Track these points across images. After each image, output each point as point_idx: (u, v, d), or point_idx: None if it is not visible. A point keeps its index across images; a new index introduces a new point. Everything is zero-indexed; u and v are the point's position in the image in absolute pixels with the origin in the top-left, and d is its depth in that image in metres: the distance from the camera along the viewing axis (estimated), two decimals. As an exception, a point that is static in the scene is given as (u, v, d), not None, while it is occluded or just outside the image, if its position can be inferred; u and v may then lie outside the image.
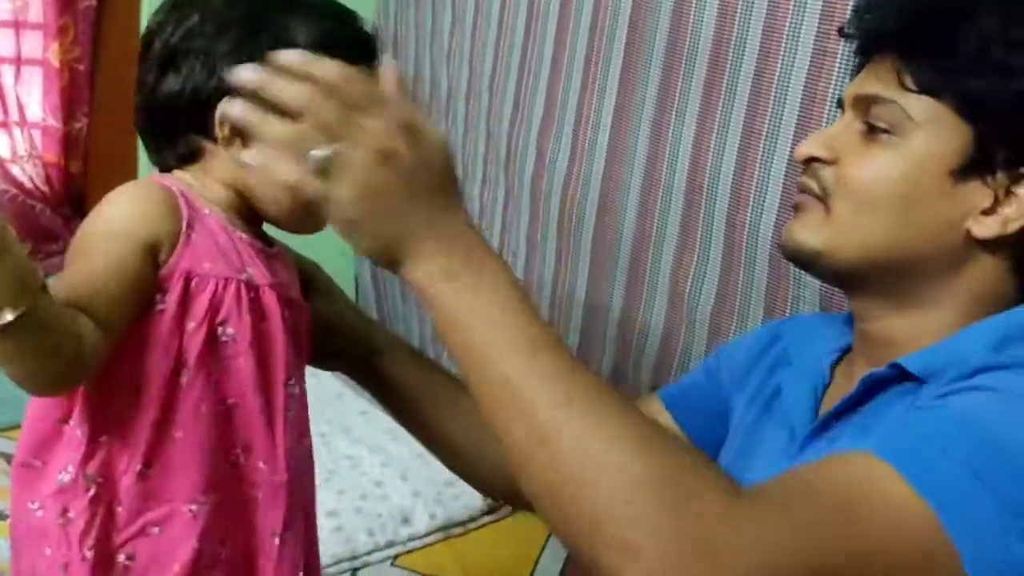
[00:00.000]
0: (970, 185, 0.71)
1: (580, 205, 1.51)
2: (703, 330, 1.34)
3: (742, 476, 0.84)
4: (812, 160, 0.76)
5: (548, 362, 0.60)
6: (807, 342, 0.87)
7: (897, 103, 0.71)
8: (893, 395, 0.73)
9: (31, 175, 1.92)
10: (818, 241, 0.75)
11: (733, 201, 1.25)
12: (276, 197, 0.82)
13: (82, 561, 0.76)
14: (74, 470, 0.76)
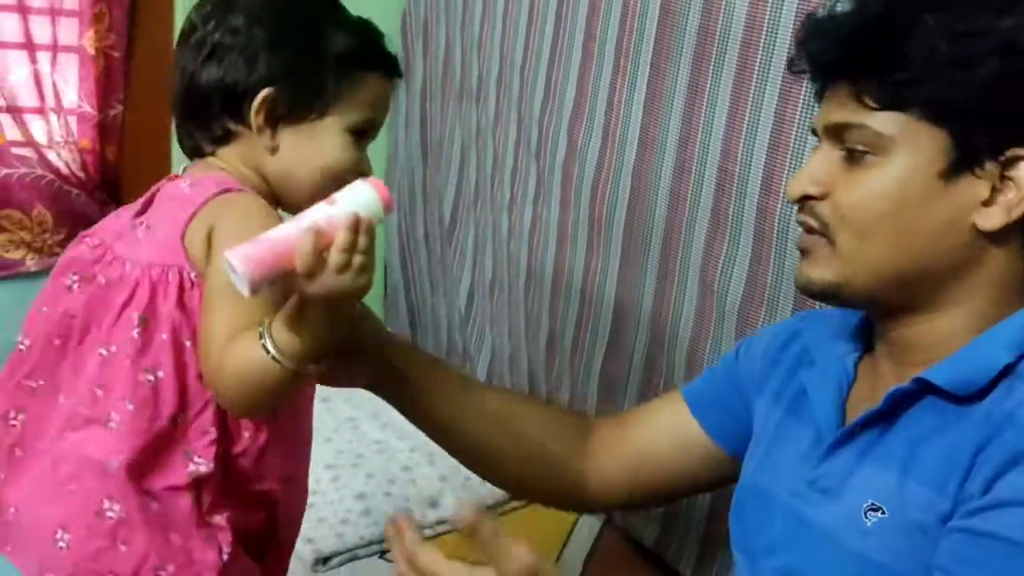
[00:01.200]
0: (962, 181, 0.72)
1: (611, 193, 1.53)
2: (732, 320, 1.36)
3: (770, 479, 0.88)
4: (805, 198, 0.78)
5: None
6: (829, 340, 0.89)
7: (867, 126, 0.73)
8: (927, 412, 0.75)
9: (67, 161, 1.98)
10: (830, 274, 0.78)
11: (764, 189, 1.27)
12: (309, 182, 0.92)
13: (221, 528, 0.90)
14: (208, 461, 0.87)
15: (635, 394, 1.57)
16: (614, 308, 1.59)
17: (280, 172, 0.92)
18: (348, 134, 0.92)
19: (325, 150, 0.91)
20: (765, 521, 0.86)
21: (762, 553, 0.86)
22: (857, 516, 0.76)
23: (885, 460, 0.76)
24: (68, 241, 1.98)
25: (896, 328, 0.80)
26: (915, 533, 0.72)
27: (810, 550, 0.80)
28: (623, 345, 1.59)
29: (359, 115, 0.92)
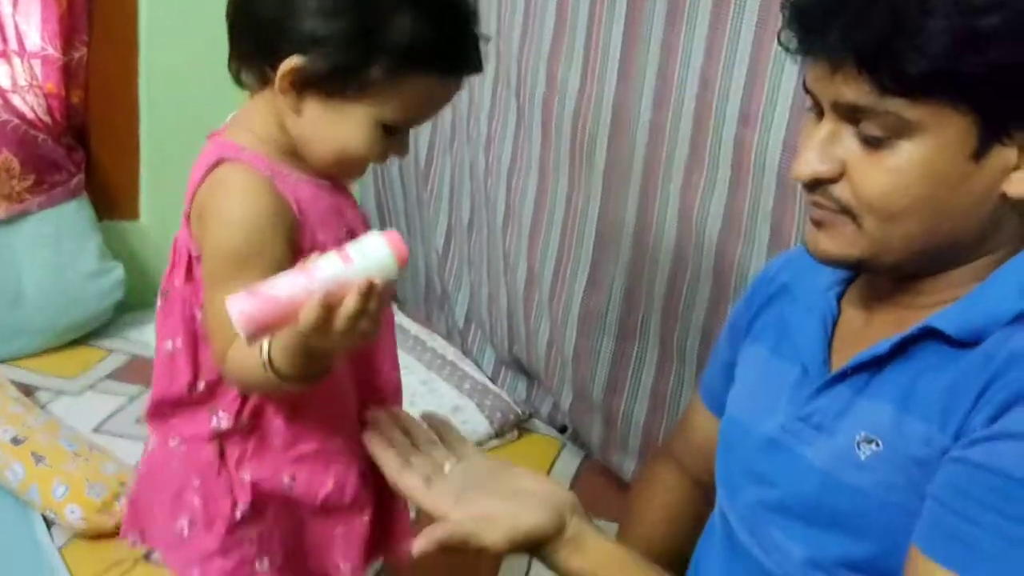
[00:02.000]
0: (991, 154, 0.71)
1: (592, 127, 1.54)
2: (711, 251, 1.39)
3: (756, 415, 0.90)
4: (817, 181, 0.75)
5: None
6: (809, 275, 0.90)
7: (890, 112, 0.70)
8: (928, 355, 0.76)
9: (32, 105, 1.96)
10: (855, 251, 0.76)
11: (742, 120, 1.29)
12: (324, 158, 0.89)
13: (242, 484, 0.92)
14: (230, 417, 0.91)
15: (614, 330, 1.61)
16: (595, 242, 1.62)
17: (300, 135, 0.87)
18: (379, 127, 0.86)
19: (349, 134, 0.85)
20: (749, 454, 0.88)
21: (747, 486, 0.88)
22: (851, 449, 0.77)
23: (882, 395, 0.77)
24: (36, 187, 1.99)
25: (905, 280, 0.80)
26: (913, 467, 0.73)
27: (802, 484, 0.81)
28: (603, 280, 1.62)
29: (396, 113, 0.85)
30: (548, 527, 0.80)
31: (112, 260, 2.07)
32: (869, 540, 0.76)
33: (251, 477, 0.93)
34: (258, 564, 0.96)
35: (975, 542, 0.67)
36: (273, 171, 0.87)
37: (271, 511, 0.95)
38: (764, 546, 0.85)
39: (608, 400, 1.64)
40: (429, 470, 0.85)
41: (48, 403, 1.75)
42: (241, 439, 0.93)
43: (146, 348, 2.00)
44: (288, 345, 0.79)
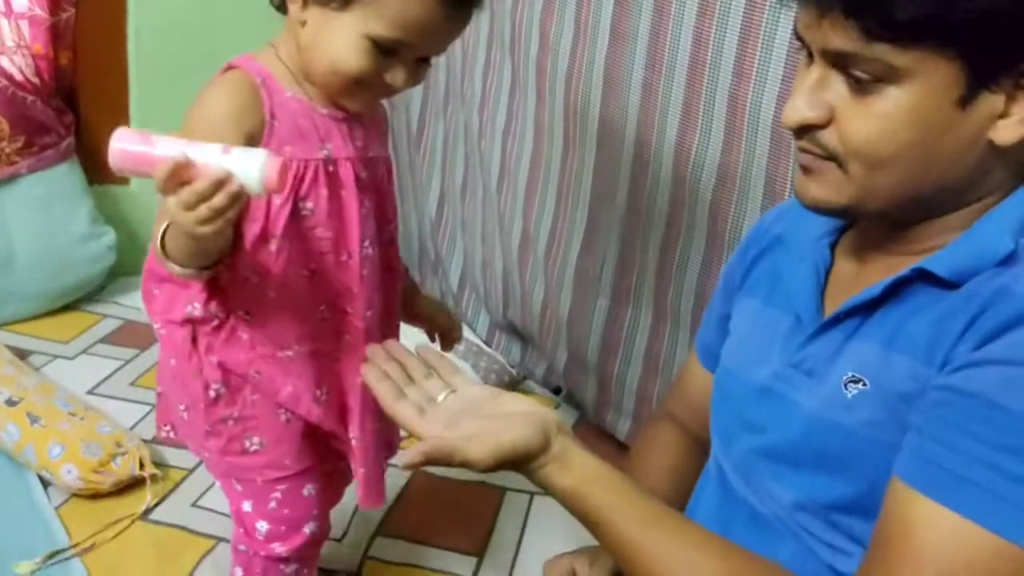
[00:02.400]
0: (978, 101, 0.71)
1: (585, 86, 1.55)
2: (704, 211, 1.40)
3: (749, 364, 0.91)
4: (805, 127, 0.76)
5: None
6: (802, 225, 0.91)
7: (878, 59, 0.71)
8: (918, 297, 0.77)
9: (20, 66, 1.95)
10: (842, 199, 0.77)
11: (736, 76, 1.29)
12: (320, 72, 0.92)
13: (211, 364, 0.98)
14: (200, 307, 0.97)
15: (609, 291, 1.62)
16: (590, 203, 1.62)
17: (303, 48, 0.91)
18: (366, 39, 0.88)
19: (338, 45, 0.88)
20: (743, 403, 0.90)
21: (740, 435, 0.90)
22: (838, 389, 0.79)
23: (871, 336, 0.79)
24: (26, 149, 1.98)
25: (896, 228, 0.81)
26: (898, 403, 0.75)
27: (791, 429, 0.83)
28: (597, 242, 1.62)
29: (381, 28, 0.87)
30: (532, 443, 0.81)
31: (104, 224, 2.08)
32: (856, 479, 0.78)
33: (218, 359, 0.98)
34: (247, 442, 1.02)
35: (955, 469, 0.68)
36: (268, 81, 0.92)
37: (246, 395, 1.00)
38: (758, 493, 0.87)
39: (602, 361, 1.65)
40: (423, 400, 0.87)
41: (42, 367, 1.76)
42: (212, 330, 0.98)
43: (139, 313, 2.00)
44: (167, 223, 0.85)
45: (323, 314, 1.00)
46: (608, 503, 0.80)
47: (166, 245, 0.86)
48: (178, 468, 1.52)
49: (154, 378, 1.75)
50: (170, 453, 1.55)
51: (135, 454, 1.45)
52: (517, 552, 1.41)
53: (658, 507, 0.82)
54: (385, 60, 0.90)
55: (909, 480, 0.71)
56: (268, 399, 1.01)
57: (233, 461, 1.03)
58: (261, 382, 1.00)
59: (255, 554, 1.07)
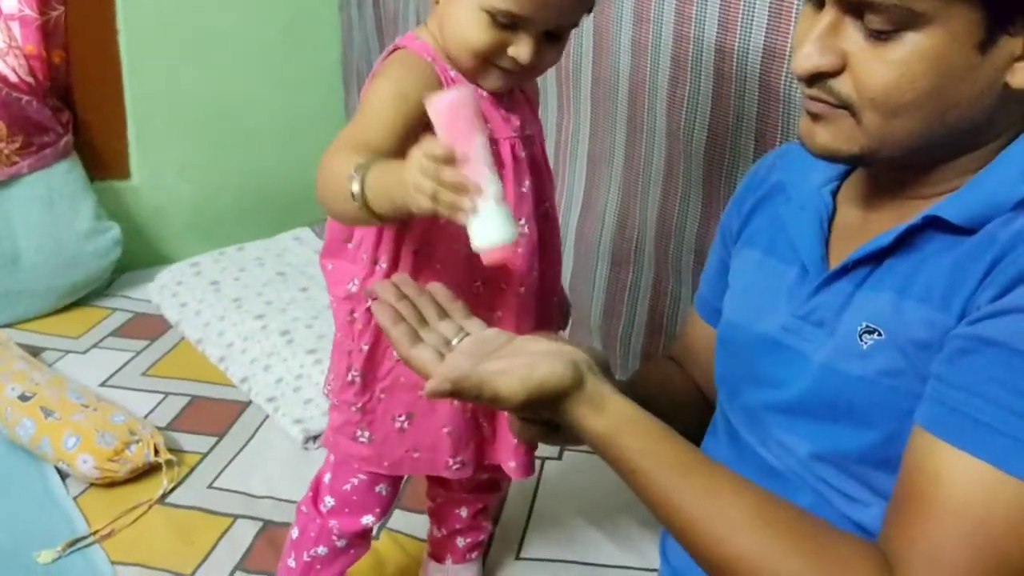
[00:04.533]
0: (998, 45, 0.70)
1: (575, 48, 1.56)
2: (699, 166, 1.41)
3: (754, 317, 0.91)
4: (817, 75, 0.74)
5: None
6: (802, 172, 0.90)
7: (898, 5, 0.69)
8: (930, 245, 0.76)
9: (14, 67, 1.98)
10: (855, 147, 0.76)
11: (721, 28, 1.30)
12: (452, 50, 0.94)
13: (359, 351, 1.02)
14: (359, 283, 1.00)
15: (608, 255, 1.63)
16: (587, 163, 1.64)
17: (441, 29, 0.94)
18: (484, 13, 0.89)
19: (461, 20, 0.91)
20: (751, 356, 0.90)
21: (747, 388, 0.90)
22: (853, 340, 0.78)
23: (882, 286, 0.78)
24: (24, 149, 2.01)
25: (905, 173, 0.80)
26: (915, 351, 0.74)
27: (805, 381, 0.82)
28: (595, 206, 1.63)
29: (496, 0, 0.88)
30: (565, 378, 0.77)
31: (107, 220, 2.11)
32: (875, 428, 0.77)
33: (367, 346, 1.02)
34: (359, 432, 1.05)
35: (979, 416, 0.67)
36: (436, 60, 0.95)
37: (376, 390, 1.03)
38: (769, 446, 0.87)
39: (607, 325, 1.67)
40: (440, 344, 0.84)
41: (55, 362, 1.81)
42: (366, 311, 1.00)
43: (148, 306, 2.04)
44: (388, 168, 0.81)
45: (478, 289, 1.00)
46: (643, 449, 0.78)
47: (369, 191, 0.81)
48: (193, 452, 1.56)
49: (164, 368, 1.81)
50: (184, 439, 1.59)
51: (149, 441, 1.49)
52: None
53: (694, 454, 0.79)
54: (506, 34, 0.90)
55: (932, 429, 0.70)
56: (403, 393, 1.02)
57: (340, 441, 1.07)
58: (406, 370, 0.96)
59: (313, 519, 1.12)
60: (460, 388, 0.75)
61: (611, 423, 0.78)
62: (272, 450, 1.59)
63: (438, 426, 1.03)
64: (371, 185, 0.81)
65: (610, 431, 0.78)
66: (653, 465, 0.77)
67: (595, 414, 0.78)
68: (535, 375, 0.76)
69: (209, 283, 2.04)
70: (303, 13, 2.33)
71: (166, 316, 1.99)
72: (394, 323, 0.84)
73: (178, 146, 2.25)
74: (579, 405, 0.78)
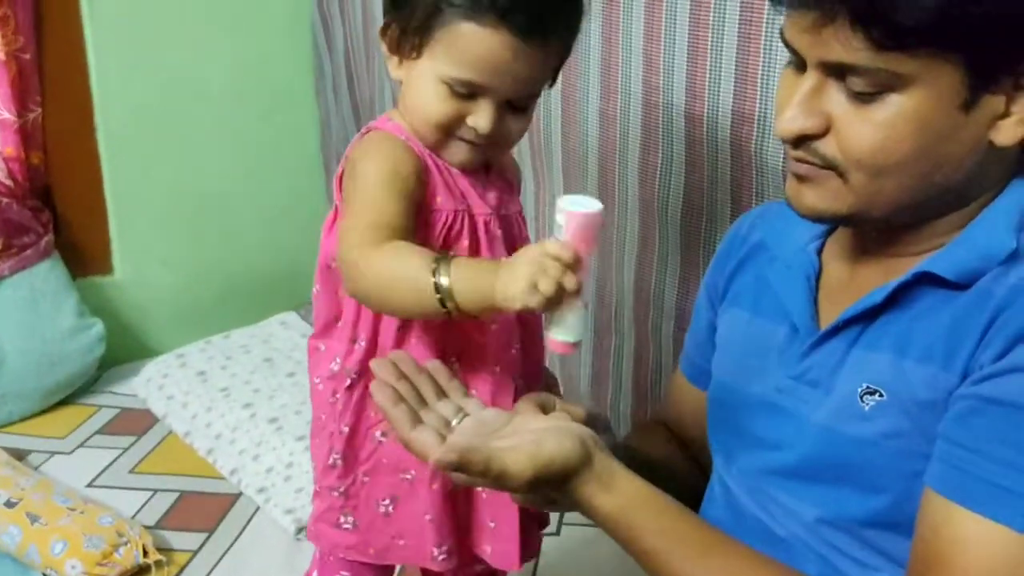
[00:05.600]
0: (981, 104, 0.71)
1: (545, 121, 1.58)
2: (676, 233, 1.42)
3: (746, 380, 0.90)
4: (803, 137, 0.75)
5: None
6: (784, 231, 0.91)
7: (882, 69, 0.70)
8: (923, 300, 0.76)
9: (-7, 172, 1.99)
10: (842, 208, 0.76)
11: (689, 96, 1.32)
12: (414, 124, 0.95)
13: (339, 433, 0.99)
14: (340, 362, 0.98)
15: (591, 321, 1.63)
16: (563, 237, 1.64)
17: (404, 107, 0.94)
18: (442, 84, 0.89)
19: (420, 93, 0.91)
20: (745, 419, 0.89)
21: (744, 451, 0.89)
22: (853, 401, 0.77)
23: (878, 345, 0.78)
24: (5, 251, 2.01)
25: (894, 231, 0.80)
26: (919, 411, 0.74)
27: (805, 443, 0.81)
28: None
29: (452, 69, 0.88)
30: (573, 456, 0.76)
31: (91, 317, 2.10)
32: (883, 491, 0.76)
33: (348, 428, 0.99)
34: (342, 519, 1.02)
35: (993, 479, 0.67)
36: (409, 139, 0.94)
37: (358, 474, 1.00)
38: (769, 510, 0.86)
39: (595, 391, 1.66)
40: (440, 426, 0.81)
41: (41, 465, 1.78)
42: (346, 390, 0.99)
43: (134, 400, 2.02)
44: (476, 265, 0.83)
45: (453, 365, 0.97)
46: (657, 528, 0.76)
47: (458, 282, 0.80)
48: (183, 551, 1.53)
49: (152, 464, 1.79)
50: (174, 537, 1.56)
51: (137, 542, 1.47)
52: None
53: (711, 533, 0.79)
54: (466, 104, 0.90)
55: (947, 493, 0.70)
56: (385, 477, 1.00)
57: (323, 530, 1.04)
58: (387, 447, 0.98)
59: None
60: (468, 460, 0.72)
61: (622, 502, 0.77)
62: (264, 542, 1.56)
63: (421, 512, 1.01)
64: (459, 278, 0.80)
65: (622, 509, 0.77)
66: (668, 545, 0.76)
67: (604, 492, 0.77)
68: (544, 452, 0.75)
69: (196, 374, 2.03)
70: (280, 101, 2.36)
71: (153, 410, 1.98)
72: (394, 404, 0.81)
73: (160, 239, 2.26)
74: (587, 483, 0.77)
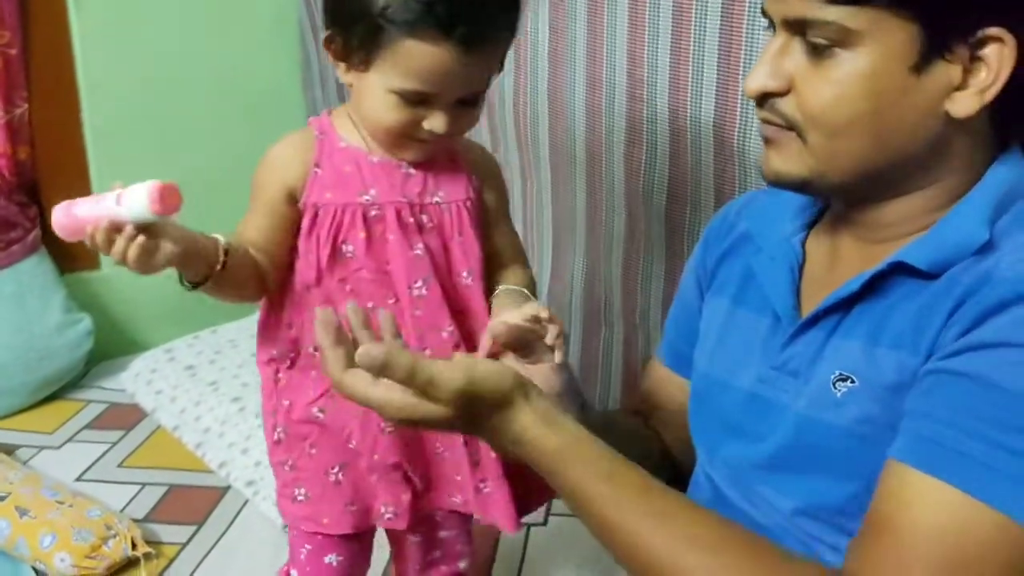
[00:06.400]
0: (934, 69, 0.72)
1: (532, 114, 1.59)
2: (660, 225, 1.43)
3: (727, 370, 0.90)
4: (766, 95, 0.77)
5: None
6: (769, 222, 0.91)
7: (833, 22, 0.72)
8: (897, 290, 0.77)
9: (-20, 167, 1.98)
10: (803, 170, 0.78)
11: (672, 88, 1.33)
12: (367, 128, 0.98)
13: (282, 407, 1.04)
14: (280, 345, 1.03)
15: (580, 313, 1.64)
16: (552, 227, 1.65)
17: (354, 107, 0.98)
18: (393, 95, 0.91)
19: (371, 103, 0.93)
20: (726, 409, 0.89)
21: (727, 442, 0.89)
22: (827, 389, 0.78)
23: (852, 333, 0.78)
24: (-5, 248, 2.01)
25: (863, 211, 0.81)
26: (888, 395, 0.74)
27: (786, 433, 0.81)
28: (563, 270, 1.65)
29: (400, 81, 0.90)
30: (508, 378, 0.76)
31: (78, 312, 2.10)
32: (855, 478, 0.77)
33: (290, 401, 1.03)
34: (296, 491, 1.05)
35: (951, 444, 0.67)
36: (327, 133, 1.00)
37: (304, 447, 1.03)
38: (752, 500, 0.86)
39: (584, 385, 1.67)
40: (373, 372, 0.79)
41: (30, 459, 1.78)
42: (286, 368, 1.04)
43: (122, 395, 2.03)
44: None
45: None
46: (606, 473, 0.76)
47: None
48: (172, 544, 1.54)
49: (140, 458, 1.79)
50: (163, 530, 1.57)
51: (126, 535, 1.47)
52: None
53: (650, 479, 0.78)
54: (418, 110, 0.92)
55: (904, 458, 0.70)
56: (330, 446, 1.02)
57: (284, 504, 1.07)
58: (328, 421, 1.02)
59: None
60: (392, 362, 0.72)
61: (567, 440, 0.77)
62: (252, 535, 1.57)
63: (366, 473, 1.02)
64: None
65: (566, 447, 0.76)
66: (615, 491, 0.76)
67: (545, 427, 0.77)
68: (479, 368, 0.75)
69: (184, 368, 2.04)
70: (267, 95, 2.36)
71: (141, 404, 1.98)
72: (332, 345, 0.79)
73: (147, 233, 2.26)
74: (525, 414, 0.77)
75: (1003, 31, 0.70)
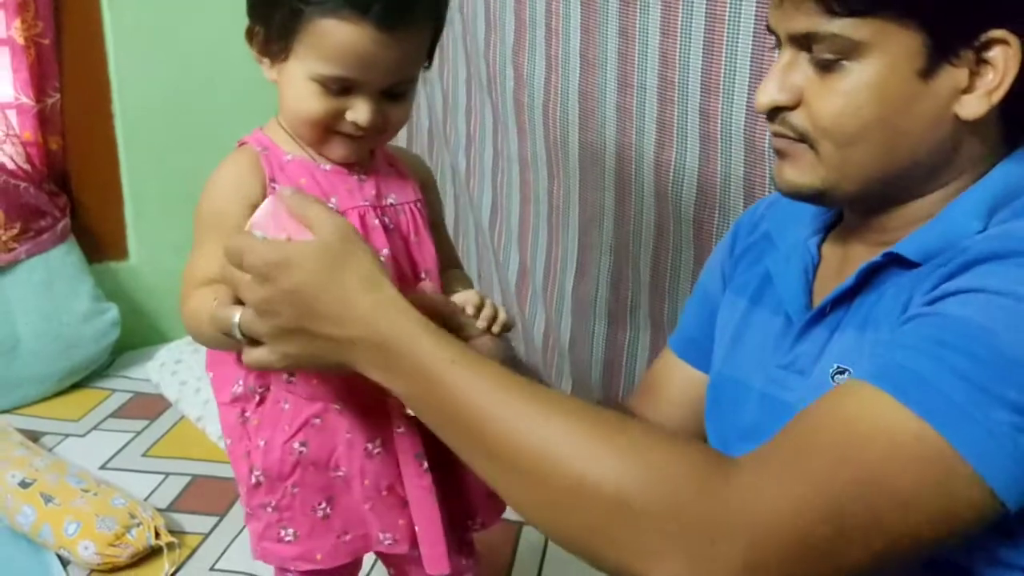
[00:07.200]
0: (941, 74, 0.73)
1: (562, 115, 1.59)
2: (688, 227, 1.43)
3: (741, 369, 0.91)
4: (777, 109, 0.78)
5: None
6: (789, 224, 0.92)
7: (838, 35, 0.73)
8: (889, 282, 0.78)
9: (11, 155, 2.02)
10: (816, 181, 0.78)
11: (704, 91, 1.33)
12: (292, 124, 0.95)
13: (257, 449, 0.97)
14: (243, 383, 0.97)
15: (604, 313, 1.65)
16: (579, 228, 1.65)
17: (280, 107, 0.95)
18: (313, 82, 0.89)
19: (293, 93, 0.91)
20: (740, 410, 0.90)
21: (738, 441, 0.89)
22: (825, 382, 0.78)
23: (850, 325, 0.79)
24: (23, 235, 2.04)
25: (873, 215, 0.82)
26: None
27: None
28: (590, 267, 1.65)
29: (320, 67, 0.88)
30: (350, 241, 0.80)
31: (105, 301, 2.12)
32: None
33: (266, 439, 0.97)
34: (282, 532, 1.00)
35: (900, 360, 0.66)
36: (270, 148, 0.95)
37: (287, 486, 0.98)
38: None
39: (607, 383, 1.67)
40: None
41: (55, 447, 1.80)
42: (256, 406, 0.98)
43: (147, 385, 2.05)
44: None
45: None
46: (450, 357, 0.74)
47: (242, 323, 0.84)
48: (194, 534, 1.55)
49: (164, 448, 1.81)
50: (186, 519, 1.58)
51: (150, 524, 1.48)
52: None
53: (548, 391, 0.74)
54: (341, 100, 0.90)
55: (859, 375, 0.69)
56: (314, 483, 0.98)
57: (268, 547, 1.02)
58: (311, 453, 0.97)
59: None
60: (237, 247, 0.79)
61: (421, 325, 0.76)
62: (275, 527, 1.58)
63: (360, 502, 0.99)
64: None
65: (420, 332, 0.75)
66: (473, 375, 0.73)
67: (397, 313, 0.77)
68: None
69: (208, 360, 2.05)
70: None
71: (166, 395, 2.00)
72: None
73: (175, 224, 2.27)
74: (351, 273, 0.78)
75: (1007, 33, 0.71)
